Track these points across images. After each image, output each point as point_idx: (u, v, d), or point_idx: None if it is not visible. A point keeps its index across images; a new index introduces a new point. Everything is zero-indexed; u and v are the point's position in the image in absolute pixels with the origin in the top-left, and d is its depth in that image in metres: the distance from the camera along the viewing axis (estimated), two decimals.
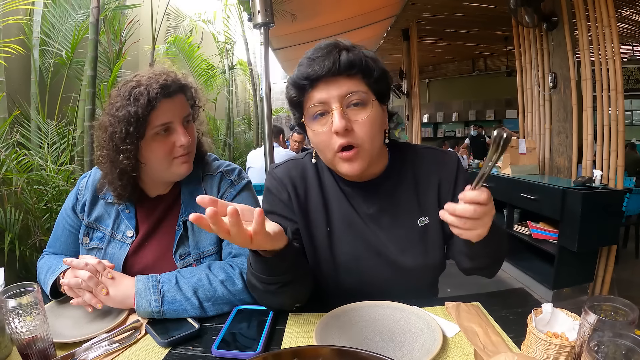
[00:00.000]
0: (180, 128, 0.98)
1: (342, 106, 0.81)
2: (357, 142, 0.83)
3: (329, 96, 0.81)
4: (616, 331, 0.54)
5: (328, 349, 0.61)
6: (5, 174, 2.20)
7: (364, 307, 0.87)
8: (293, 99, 0.88)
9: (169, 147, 0.98)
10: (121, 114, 0.93)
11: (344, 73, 0.81)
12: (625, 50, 7.78)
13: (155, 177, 1.05)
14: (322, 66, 0.79)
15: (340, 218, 0.96)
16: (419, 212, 0.97)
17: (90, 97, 2.77)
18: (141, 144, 0.96)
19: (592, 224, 2.77)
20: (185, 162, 1.01)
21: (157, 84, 0.93)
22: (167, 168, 1.00)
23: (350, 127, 0.82)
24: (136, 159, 0.97)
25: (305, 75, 0.81)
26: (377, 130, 0.86)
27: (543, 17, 3.41)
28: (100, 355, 0.76)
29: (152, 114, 0.94)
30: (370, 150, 0.85)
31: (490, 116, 10.37)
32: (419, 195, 0.97)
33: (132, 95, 0.92)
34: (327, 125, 0.83)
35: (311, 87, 0.83)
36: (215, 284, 0.91)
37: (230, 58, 6.89)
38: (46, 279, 0.99)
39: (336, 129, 0.80)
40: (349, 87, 0.82)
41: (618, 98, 2.84)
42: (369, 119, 0.83)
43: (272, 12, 2.31)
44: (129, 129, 0.92)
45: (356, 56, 0.82)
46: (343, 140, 0.82)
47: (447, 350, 0.74)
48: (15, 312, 0.69)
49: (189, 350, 0.78)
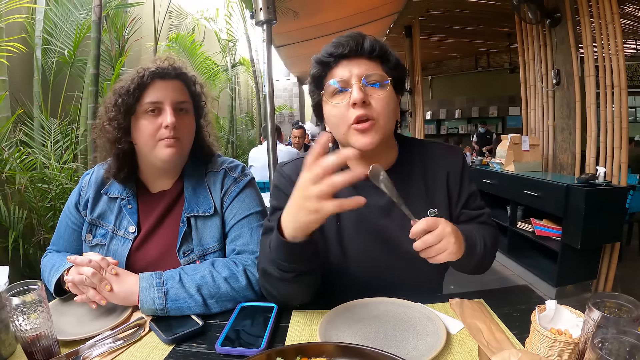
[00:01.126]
0: (169, 109, 0.98)
1: (361, 83, 0.86)
2: (372, 115, 0.86)
3: (350, 73, 0.87)
4: (620, 328, 0.54)
5: (332, 345, 0.61)
6: (9, 173, 2.21)
7: (368, 304, 0.88)
8: (316, 75, 0.93)
9: (155, 127, 0.98)
10: (117, 87, 1.00)
11: (365, 55, 0.88)
12: (628, 46, 7.74)
13: (147, 162, 1.06)
14: (346, 46, 0.87)
15: (350, 212, 0.97)
16: (429, 204, 0.99)
17: (93, 95, 2.77)
18: (131, 120, 1.00)
19: (596, 221, 2.76)
20: (169, 145, 0.99)
21: (154, 65, 0.99)
22: (152, 149, 1.00)
23: (368, 101, 0.86)
24: (124, 133, 1.00)
25: (330, 52, 0.89)
26: (391, 112, 0.90)
27: (546, 14, 3.40)
28: (104, 353, 0.76)
29: (145, 92, 0.98)
30: (384, 126, 0.88)
31: (493, 113, 10.33)
32: (428, 188, 1.00)
33: (131, 75, 0.99)
34: (345, 99, 0.87)
35: (335, 64, 0.90)
36: (218, 281, 0.91)
37: (233, 55, 6.89)
38: (50, 276, 0.99)
39: (354, 99, 0.85)
40: (368, 68, 0.88)
41: (622, 95, 2.83)
42: (385, 97, 0.88)
43: (274, 10, 2.30)
44: (118, 100, 0.97)
45: (377, 43, 0.90)
46: (360, 112, 0.85)
47: (450, 346, 0.74)
48: (20, 310, 0.70)
49: (193, 347, 0.78)
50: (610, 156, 2.98)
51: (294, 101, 11.26)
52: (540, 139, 3.77)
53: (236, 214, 1.06)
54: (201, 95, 1.10)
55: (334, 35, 0.94)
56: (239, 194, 1.08)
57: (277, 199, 0.99)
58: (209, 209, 1.05)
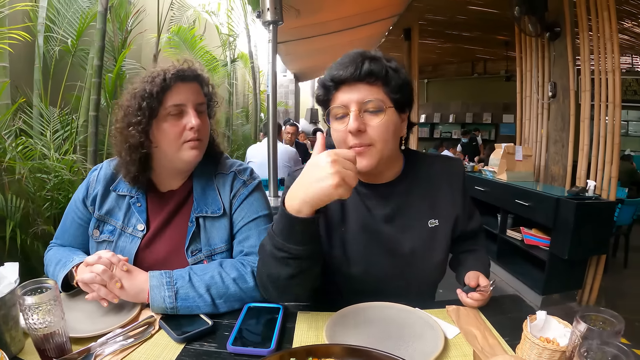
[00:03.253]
0: (192, 111, 1.00)
1: (359, 110, 0.89)
2: (369, 142, 0.90)
3: (350, 99, 0.90)
4: (604, 339, 0.59)
5: (340, 347, 0.65)
6: (8, 163, 2.20)
7: (370, 308, 0.92)
8: (320, 98, 0.97)
9: (180, 130, 1.00)
10: (137, 91, 0.99)
11: (364, 80, 0.90)
12: (624, 61, 7.87)
13: (166, 163, 1.06)
14: (346, 71, 0.89)
15: (355, 218, 1.03)
16: (430, 214, 1.04)
17: (96, 87, 2.76)
18: (153, 123, 1.00)
19: (584, 234, 2.83)
20: (194, 147, 1.02)
21: (174, 69, 1.00)
22: (176, 151, 1.01)
23: (364, 128, 0.90)
24: (147, 136, 1.00)
25: (331, 77, 0.91)
26: (390, 135, 0.93)
27: (546, 27, 3.45)
28: (116, 350, 0.77)
29: (166, 94, 0.99)
30: (380, 150, 0.92)
31: (487, 119, 10.43)
32: (430, 198, 1.05)
33: (150, 76, 0.99)
34: (344, 124, 0.91)
35: (335, 89, 0.93)
36: (227, 281, 0.94)
37: (233, 50, 6.87)
38: (56, 271, 1.00)
39: (350, 129, 0.89)
40: (367, 94, 0.90)
41: (615, 111, 2.89)
42: (382, 123, 0.90)
43: (281, 10, 2.32)
44: (142, 104, 0.97)
45: (378, 66, 0.90)
46: (356, 141, 0.90)
47: (447, 350, 0.79)
48: (34, 308, 0.70)
49: (204, 346, 0.80)
50: (600, 170, 3.04)
51: (289, 97, 11.22)
52: (533, 150, 3.84)
53: (244, 216, 1.08)
54: (212, 95, 1.13)
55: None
56: (248, 197, 1.10)
57: None
58: (218, 210, 1.08)
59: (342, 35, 5.84)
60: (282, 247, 0.79)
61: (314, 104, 12.27)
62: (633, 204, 3.99)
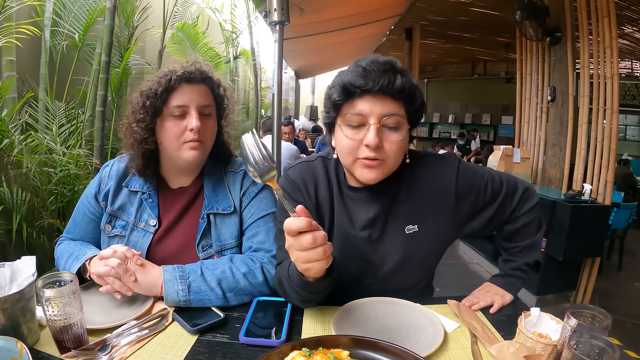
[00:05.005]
0: (194, 113, 1.03)
1: (379, 123, 0.86)
2: (382, 157, 0.88)
3: (371, 111, 0.86)
4: (592, 334, 0.64)
5: (347, 337, 0.70)
6: (16, 157, 2.22)
7: (374, 302, 0.97)
8: (335, 100, 0.90)
9: (181, 130, 1.03)
10: (145, 89, 1.04)
11: (392, 95, 0.86)
12: (624, 66, 7.91)
13: (170, 160, 1.11)
14: (377, 82, 0.84)
15: (338, 222, 1.03)
16: (409, 220, 1.01)
17: (104, 83, 2.78)
18: (157, 121, 1.05)
19: (579, 236, 2.88)
20: (193, 148, 1.04)
21: (182, 69, 1.03)
22: (176, 150, 1.05)
23: (382, 144, 0.87)
24: (151, 133, 1.05)
25: (358, 85, 0.85)
26: (402, 152, 0.92)
27: (547, 32, 3.48)
28: (132, 341, 0.80)
29: (171, 95, 1.03)
30: (391, 166, 0.91)
31: (486, 120, 10.49)
32: (414, 203, 1.00)
33: (158, 76, 1.04)
34: (360, 134, 0.87)
35: (358, 96, 0.87)
36: (237, 276, 0.98)
37: (236, 47, 6.88)
38: (68, 264, 1.03)
39: (369, 142, 0.85)
40: (391, 108, 0.86)
41: (613, 116, 2.94)
42: (399, 141, 0.88)
43: (288, 11, 2.34)
44: (146, 103, 1.02)
45: (407, 83, 0.86)
46: (371, 154, 0.87)
47: (447, 343, 0.84)
48: (54, 300, 0.72)
49: (217, 337, 0.84)
50: (597, 174, 3.09)
51: (289, 94, 11.24)
52: (531, 152, 3.89)
53: (254, 213, 1.12)
54: (224, 97, 1.15)
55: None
56: (257, 195, 1.14)
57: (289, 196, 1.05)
58: (229, 207, 1.12)
59: (343, 34, 5.86)
60: (297, 292, 0.85)
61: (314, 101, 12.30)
62: (628, 208, 4.04)
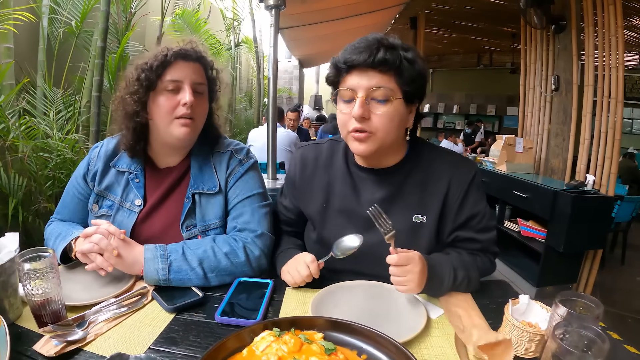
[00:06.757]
0: (188, 88, 1.03)
1: (366, 96, 0.89)
2: (370, 130, 0.90)
3: (358, 84, 0.90)
4: (581, 323, 0.60)
5: (323, 319, 0.67)
6: (12, 141, 2.22)
7: (356, 286, 0.95)
8: (330, 78, 0.97)
9: (174, 104, 1.02)
10: (140, 63, 1.04)
11: (377, 68, 0.88)
12: (630, 58, 7.73)
13: (160, 137, 1.09)
14: (359, 56, 0.88)
15: (340, 199, 1.05)
16: (418, 209, 1.01)
17: (99, 68, 2.77)
18: (150, 95, 1.04)
19: (580, 227, 2.83)
20: (184, 125, 1.03)
21: (178, 47, 1.04)
22: (167, 125, 1.04)
23: (368, 115, 0.90)
24: (143, 107, 1.04)
25: (344, 60, 0.90)
26: (395, 125, 0.92)
27: (552, 20, 3.41)
28: (110, 318, 0.80)
29: (166, 69, 1.02)
30: (381, 139, 0.92)
31: (491, 111, 10.38)
32: (424, 193, 1.01)
33: (154, 52, 1.04)
34: (349, 108, 0.91)
35: (346, 72, 0.92)
36: (219, 256, 0.97)
37: (237, 35, 6.83)
38: (56, 244, 1.03)
39: (354, 114, 0.89)
40: (376, 81, 0.89)
41: (617, 107, 2.87)
42: (387, 113, 0.90)
43: None
44: (141, 75, 1.02)
45: (392, 56, 0.88)
46: (357, 126, 0.90)
47: (430, 329, 0.81)
48: (32, 275, 0.73)
49: (193, 316, 0.84)
50: (600, 165, 3.03)
51: (293, 84, 11.12)
52: (534, 142, 3.83)
53: (239, 193, 1.11)
54: (216, 80, 1.15)
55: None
56: (243, 175, 1.13)
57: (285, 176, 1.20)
58: (214, 187, 1.11)
59: (347, 22, 5.78)
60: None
61: (318, 91, 12.20)
62: (633, 201, 3.98)
